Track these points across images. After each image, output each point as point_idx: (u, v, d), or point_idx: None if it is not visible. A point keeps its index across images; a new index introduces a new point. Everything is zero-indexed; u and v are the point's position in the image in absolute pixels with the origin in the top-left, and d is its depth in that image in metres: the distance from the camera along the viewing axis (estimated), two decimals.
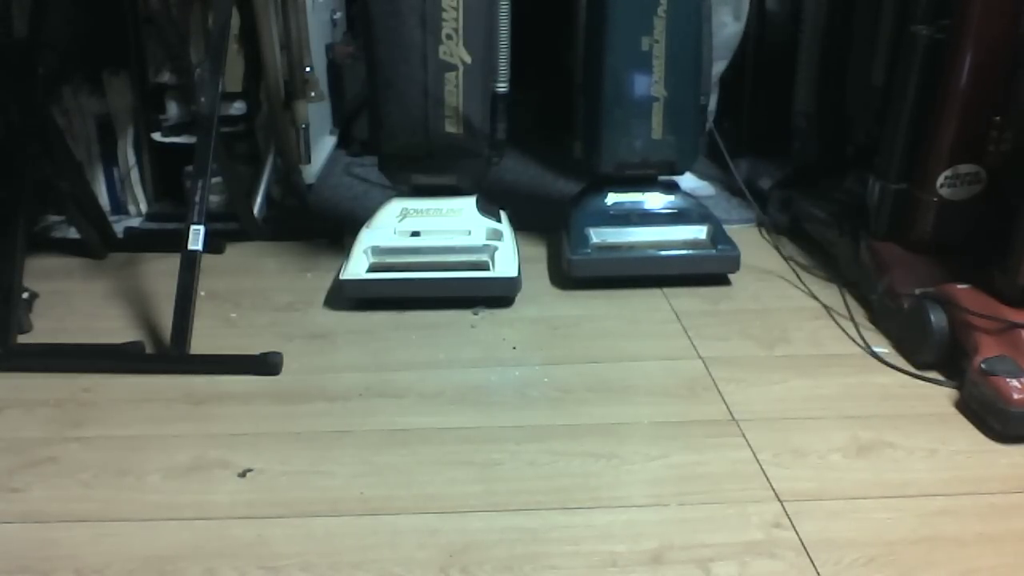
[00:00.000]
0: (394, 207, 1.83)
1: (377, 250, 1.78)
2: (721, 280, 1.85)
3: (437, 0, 1.65)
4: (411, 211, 1.82)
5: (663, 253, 1.84)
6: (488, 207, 1.87)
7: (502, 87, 1.79)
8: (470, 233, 1.80)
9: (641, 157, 1.86)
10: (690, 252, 1.85)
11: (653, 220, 1.89)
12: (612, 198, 1.92)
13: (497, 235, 1.80)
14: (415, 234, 1.80)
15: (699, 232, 1.87)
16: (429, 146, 1.75)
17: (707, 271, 1.84)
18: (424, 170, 1.82)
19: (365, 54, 1.75)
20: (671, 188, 1.93)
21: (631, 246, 1.86)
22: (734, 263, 1.83)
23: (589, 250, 1.82)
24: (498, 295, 1.75)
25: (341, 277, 1.74)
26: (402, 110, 1.72)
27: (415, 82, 1.70)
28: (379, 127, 1.76)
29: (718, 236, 1.86)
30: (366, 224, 1.83)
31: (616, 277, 1.83)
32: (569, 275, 1.83)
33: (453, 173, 1.82)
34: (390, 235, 1.80)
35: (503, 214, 1.90)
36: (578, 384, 1.50)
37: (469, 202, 1.83)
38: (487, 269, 1.76)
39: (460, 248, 1.78)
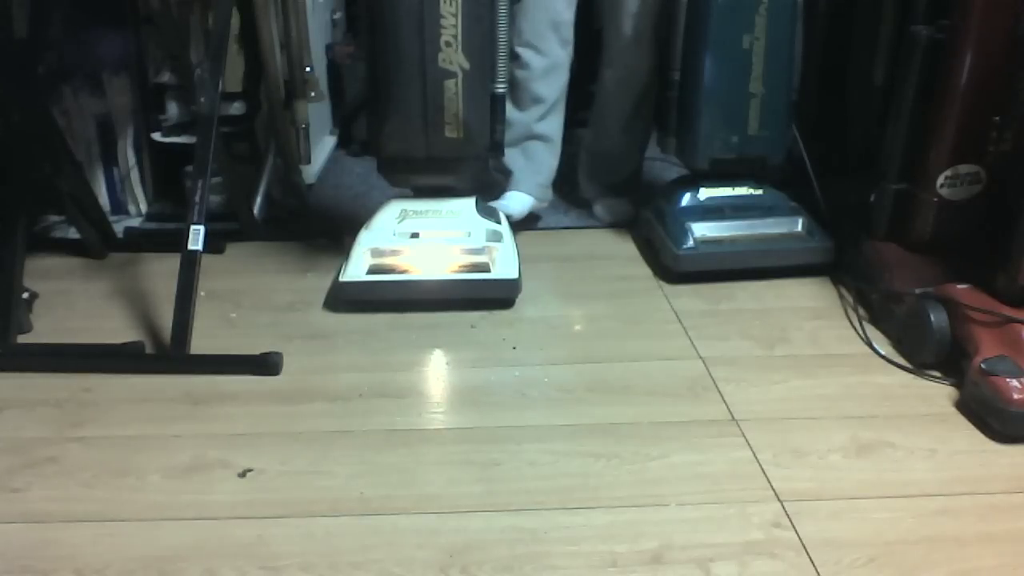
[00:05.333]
0: (393, 208, 1.82)
1: (377, 252, 1.77)
2: (817, 271, 1.85)
3: (435, 8, 1.64)
4: (410, 212, 1.81)
5: (766, 246, 1.86)
6: (487, 208, 1.86)
7: (501, 88, 1.78)
8: (470, 235, 1.79)
9: (736, 152, 1.89)
10: (791, 244, 1.87)
11: (747, 214, 1.90)
12: (705, 192, 1.93)
13: (497, 236, 1.79)
14: (414, 235, 1.79)
15: (794, 224, 1.89)
16: (428, 151, 1.75)
17: (807, 262, 1.86)
18: (423, 172, 1.81)
19: (365, 60, 1.75)
20: (759, 182, 1.94)
21: (732, 240, 1.88)
22: (831, 254, 1.85)
23: (694, 244, 1.83)
24: (498, 297, 1.75)
25: (340, 279, 1.74)
26: (401, 117, 1.71)
27: (414, 90, 1.69)
28: (378, 133, 1.75)
29: (812, 228, 1.88)
30: (365, 225, 1.82)
31: (720, 270, 1.84)
32: (675, 269, 1.84)
33: (452, 175, 1.82)
34: (389, 237, 1.79)
35: (502, 215, 1.89)
36: (578, 384, 1.50)
37: (468, 203, 1.82)
38: (487, 271, 1.75)
39: (460, 250, 1.78)
